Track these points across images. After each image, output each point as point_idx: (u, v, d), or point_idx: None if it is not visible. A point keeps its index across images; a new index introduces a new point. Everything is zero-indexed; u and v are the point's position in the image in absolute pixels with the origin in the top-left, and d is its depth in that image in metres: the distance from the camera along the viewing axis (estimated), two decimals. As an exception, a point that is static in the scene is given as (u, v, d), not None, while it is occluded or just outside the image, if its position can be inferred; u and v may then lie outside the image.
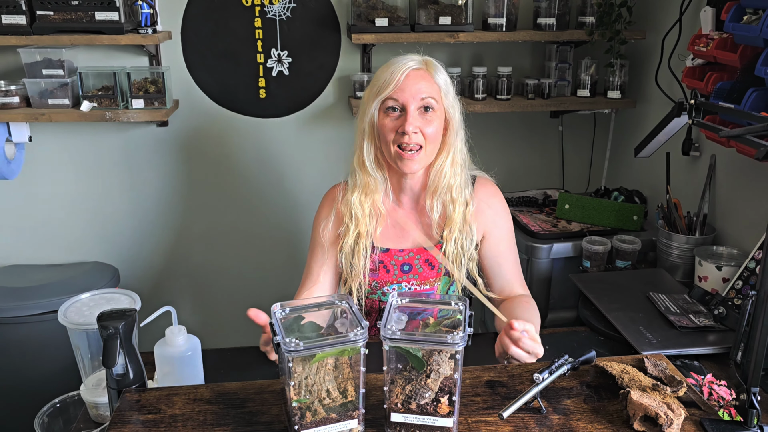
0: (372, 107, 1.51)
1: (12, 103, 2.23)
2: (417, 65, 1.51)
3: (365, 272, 1.61)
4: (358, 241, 1.59)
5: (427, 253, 1.62)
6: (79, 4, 2.12)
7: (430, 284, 1.63)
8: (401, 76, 1.48)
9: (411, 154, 1.49)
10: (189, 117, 2.51)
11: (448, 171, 1.56)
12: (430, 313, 1.13)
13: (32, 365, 2.24)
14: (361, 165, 1.58)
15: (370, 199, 1.59)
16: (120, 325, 1.13)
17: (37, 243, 2.56)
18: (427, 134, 1.49)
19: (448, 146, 1.56)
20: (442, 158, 1.56)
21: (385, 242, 1.63)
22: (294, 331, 1.05)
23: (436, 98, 1.50)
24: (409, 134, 1.47)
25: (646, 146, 1.81)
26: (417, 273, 1.62)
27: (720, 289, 1.85)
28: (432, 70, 1.52)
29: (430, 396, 1.04)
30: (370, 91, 1.54)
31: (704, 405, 1.14)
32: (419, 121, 1.48)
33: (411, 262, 1.62)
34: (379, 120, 1.52)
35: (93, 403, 1.32)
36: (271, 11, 2.41)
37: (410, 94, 1.48)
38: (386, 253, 1.62)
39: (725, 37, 1.82)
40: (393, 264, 1.62)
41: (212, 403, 1.13)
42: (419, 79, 1.49)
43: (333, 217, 1.63)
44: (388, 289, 1.63)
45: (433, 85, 1.51)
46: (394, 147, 1.50)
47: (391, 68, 1.50)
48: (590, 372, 1.23)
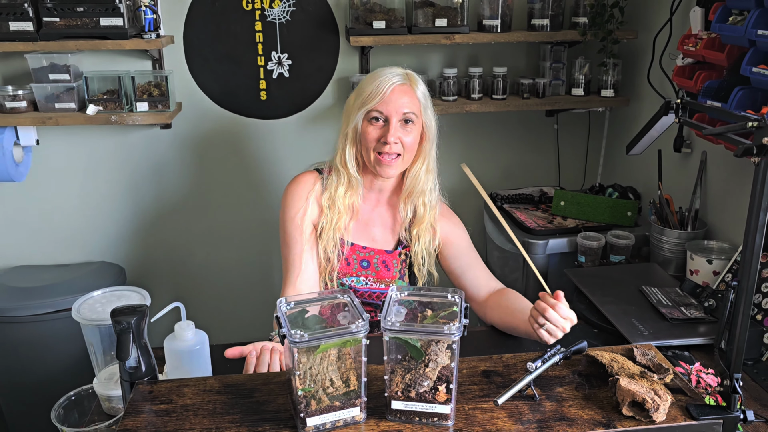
0: (357, 115, 1.64)
1: (20, 107, 2.28)
2: (401, 80, 1.63)
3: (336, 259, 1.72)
4: (335, 232, 1.71)
5: (385, 256, 1.77)
6: (85, 10, 2.17)
7: (385, 283, 1.76)
8: (387, 90, 1.61)
9: (389, 160, 1.64)
10: (192, 119, 2.56)
11: (422, 177, 1.71)
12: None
13: (45, 362, 2.30)
14: (343, 165, 1.71)
15: (352, 195, 1.72)
16: (133, 320, 1.18)
17: (45, 244, 2.62)
18: (406, 143, 1.64)
19: (423, 154, 1.71)
20: (418, 165, 1.71)
21: (351, 236, 1.76)
22: (299, 324, 1.10)
23: (417, 113, 1.65)
24: (390, 144, 1.61)
25: (637, 143, 1.87)
26: (374, 271, 1.76)
27: (711, 282, 1.90)
28: (414, 85, 1.66)
29: (429, 384, 1.10)
30: (355, 100, 1.66)
31: (691, 391, 1.20)
32: (400, 131, 1.62)
33: (370, 260, 1.76)
34: (363, 128, 1.65)
35: (106, 396, 1.38)
36: (271, 15, 2.46)
37: (394, 107, 1.61)
38: (351, 247, 1.75)
39: (713, 37, 1.87)
40: (354, 258, 1.75)
41: (221, 394, 1.18)
42: (403, 94, 1.62)
43: (312, 207, 1.72)
44: (347, 280, 1.75)
45: (415, 100, 1.65)
46: (374, 153, 1.65)
47: (377, 81, 1.62)
48: (582, 361, 1.29)
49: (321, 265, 1.73)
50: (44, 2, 2.15)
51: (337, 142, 1.72)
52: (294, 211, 1.71)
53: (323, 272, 1.73)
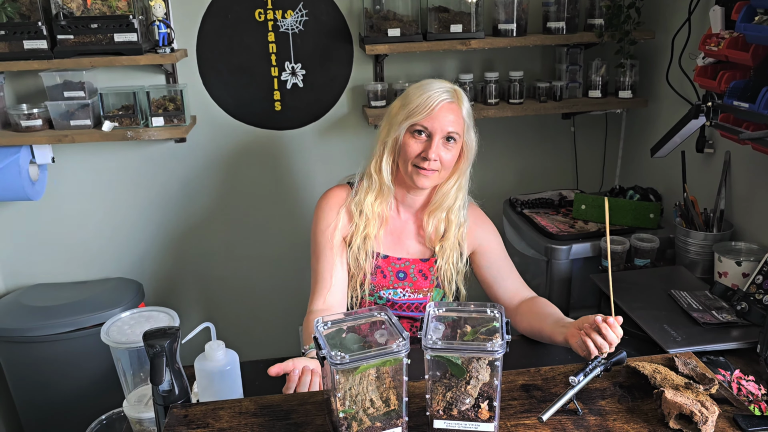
0: (401, 127, 1.61)
1: (35, 125, 2.27)
2: (450, 98, 1.61)
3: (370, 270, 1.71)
4: (366, 240, 1.70)
5: (421, 264, 1.75)
6: (98, 27, 2.16)
7: (423, 293, 1.75)
8: (436, 107, 1.58)
9: (426, 172, 1.61)
10: (207, 132, 2.55)
11: (452, 194, 1.70)
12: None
13: (67, 381, 2.29)
14: (378, 172, 1.68)
15: (381, 202, 1.70)
16: (166, 344, 1.17)
17: (62, 261, 2.61)
18: (445, 160, 1.62)
19: (459, 172, 1.69)
20: (451, 182, 1.69)
21: (384, 248, 1.74)
22: (337, 344, 1.08)
23: (460, 132, 1.62)
24: (430, 160, 1.59)
25: (662, 147, 1.84)
26: (411, 281, 1.74)
27: (740, 285, 1.88)
28: (461, 104, 1.63)
29: (470, 402, 1.08)
30: (400, 110, 1.63)
31: (736, 401, 1.17)
32: (441, 149, 1.60)
33: (406, 270, 1.74)
34: (404, 139, 1.62)
35: (137, 419, 1.36)
36: (283, 25, 2.45)
37: (440, 125, 1.59)
38: (385, 259, 1.74)
39: (736, 37, 1.84)
40: (390, 270, 1.73)
41: (257, 416, 1.17)
42: (450, 112, 1.60)
43: (343, 217, 1.72)
44: (385, 293, 1.73)
45: (460, 119, 1.62)
46: (411, 166, 1.63)
47: (426, 94, 1.59)
48: (622, 372, 1.26)
49: (351, 272, 1.72)
50: (58, 20, 2.15)
51: (374, 147, 1.70)
52: (325, 225, 1.71)
53: (353, 280, 1.72)
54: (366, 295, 1.73)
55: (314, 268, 1.72)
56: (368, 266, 1.70)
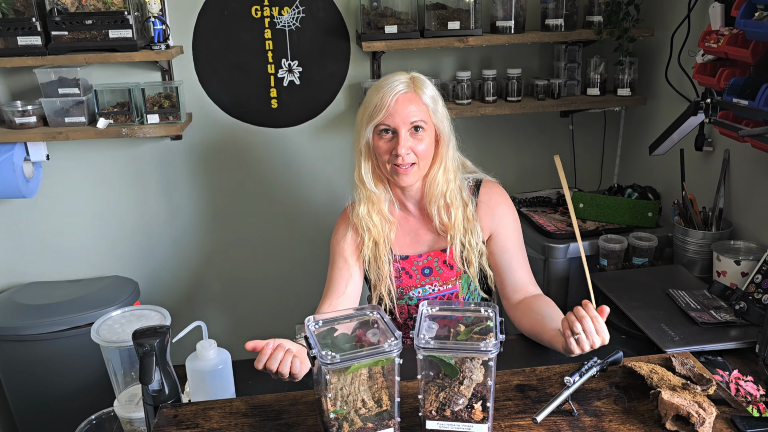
0: (366, 131, 1.60)
1: (29, 122, 2.26)
2: (405, 88, 1.57)
3: (391, 276, 1.69)
4: (378, 248, 1.67)
5: (444, 255, 1.70)
6: (93, 23, 2.14)
7: (451, 283, 1.71)
8: (391, 102, 1.55)
9: (405, 169, 1.59)
10: (202, 130, 2.53)
11: (440, 180, 1.65)
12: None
13: (61, 380, 2.27)
14: (360, 181, 1.67)
15: (377, 209, 1.68)
16: (155, 342, 1.15)
17: (57, 259, 2.59)
18: (419, 152, 1.59)
19: (440, 157, 1.65)
20: (435, 169, 1.65)
21: (402, 249, 1.71)
22: (328, 343, 1.06)
23: (425, 119, 1.58)
24: (402, 155, 1.56)
25: (661, 144, 1.82)
26: (438, 275, 1.70)
27: (739, 284, 1.86)
28: (419, 90, 1.59)
29: (464, 402, 1.06)
30: (362, 115, 1.62)
31: (734, 402, 1.16)
32: (411, 141, 1.57)
33: (431, 265, 1.70)
34: (374, 141, 1.60)
35: (127, 418, 1.34)
36: (280, 22, 2.43)
37: (400, 119, 1.56)
38: (406, 260, 1.70)
39: (736, 33, 1.82)
40: (414, 269, 1.70)
41: (248, 416, 1.15)
42: (408, 102, 1.56)
43: (350, 231, 1.70)
44: (414, 293, 1.71)
45: (421, 105, 1.58)
46: (389, 165, 1.60)
47: (381, 92, 1.57)
48: (618, 373, 1.25)
49: (373, 281, 1.71)
50: (52, 16, 2.13)
51: (354, 157, 1.68)
52: (337, 237, 1.72)
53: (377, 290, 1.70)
54: (395, 299, 1.71)
55: (328, 274, 1.72)
56: (389, 270, 1.67)
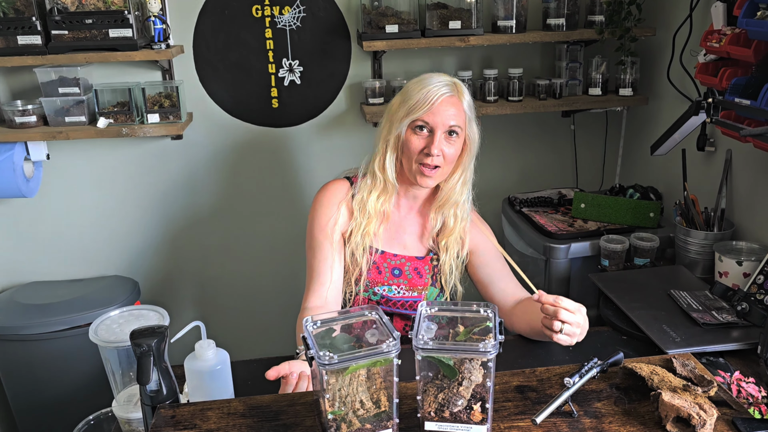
0: (402, 124, 1.60)
1: (29, 122, 2.26)
2: (450, 92, 1.58)
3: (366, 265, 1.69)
4: (365, 237, 1.68)
5: (417, 262, 1.73)
6: (93, 22, 2.14)
7: (417, 291, 1.73)
8: (436, 101, 1.56)
9: (430, 170, 1.60)
10: (203, 129, 2.52)
11: (458, 188, 1.68)
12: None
13: (61, 380, 2.27)
14: (382, 170, 1.66)
15: (385, 200, 1.69)
16: (153, 342, 1.15)
17: (57, 259, 2.59)
18: (447, 155, 1.60)
19: (462, 167, 1.67)
20: (456, 177, 1.67)
21: (381, 243, 1.72)
22: (326, 344, 1.06)
23: (462, 125, 1.60)
24: (433, 156, 1.57)
25: (662, 144, 1.82)
26: (406, 279, 1.72)
27: (741, 285, 1.85)
28: (461, 97, 1.61)
29: (463, 404, 1.05)
30: (400, 107, 1.61)
31: (735, 404, 1.15)
32: (443, 143, 1.58)
33: (401, 267, 1.72)
34: (406, 136, 1.60)
35: (126, 419, 1.34)
36: (281, 21, 2.42)
37: (441, 119, 1.57)
38: (381, 255, 1.72)
39: (738, 33, 1.81)
40: (385, 266, 1.72)
41: (246, 417, 1.14)
42: (451, 105, 1.58)
43: (343, 213, 1.70)
44: (379, 289, 1.72)
45: (461, 112, 1.60)
46: (416, 164, 1.61)
47: (425, 89, 1.57)
48: (619, 374, 1.24)
49: (347, 268, 1.70)
50: (52, 15, 2.12)
51: (376, 145, 1.68)
52: (324, 220, 1.69)
53: (347, 275, 1.70)
54: (360, 291, 1.71)
55: (310, 263, 1.69)
56: (365, 262, 1.69)
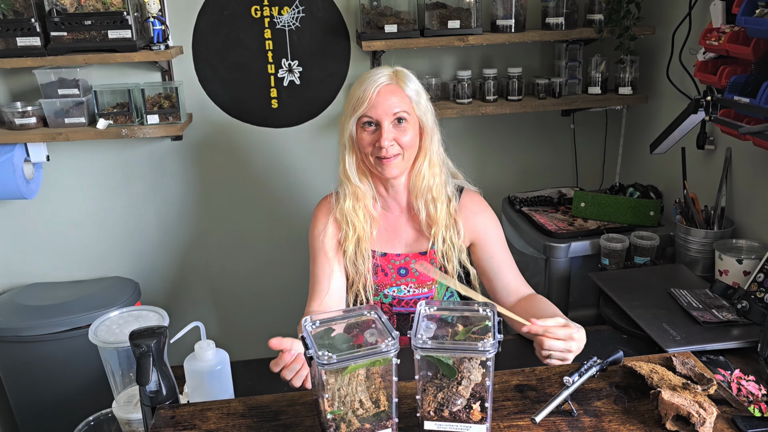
0: (350, 124, 1.60)
1: (29, 123, 2.26)
2: (387, 80, 1.58)
3: (369, 272, 1.69)
4: (360, 244, 1.68)
5: (421, 258, 1.70)
6: (92, 23, 2.14)
7: (427, 287, 1.71)
8: (373, 93, 1.56)
9: (389, 160, 1.59)
10: (203, 130, 2.53)
11: (426, 172, 1.65)
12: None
13: (61, 381, 2.27)
14: (346, 176, 1.67)
15: (362, 204, 1.68)
16: (152, 343, 1.15)
17: (57, 261, 2.59)
18: (403, 142, 1.59)
19: (424, 150, 1.65)
20: (420, 161, 1.65)
21: (381, 246, 1.71)
22: (325, 343, 1.06)
23: (408, 110, 1.59)
24: (385, 147, 1.57)
25: (661, 143, 1.81)
26: (413, 276, 1.70)
27: (741, 283, 1.85)
28: (402, 83, 1.60)
29: (462, 403, 1.05)
30: (346, 108, 1.63)
31: (735, 402, 1.15)
32: (394, 132, 1.58)
33: (407, 266, 1.70)
34: (358, 134, 1.61)
35: (126, 419, 1.34)
36: (280, 22, 2.42)
37: (383, 110, 1.56)
38: (384, 257, 1.71)
39: (737, 31, 1.81)
40: (390, 268, 1.70)
41: (246, 417, 1.14)
42: (390, 94, 1.57)
43: (330, 225, 1.71)
44: (389, 291, 1.71)
45: (404, 97, 1.59)
46: (373, 158, 1.61)
47: (363, 85, 1.58)
48: (618, 372, 1.24)
49: (352, 279, 1.70)
50: (51, 17, 2.13)
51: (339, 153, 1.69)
52: (317, 231, 1.71)
53: (354, 285, 1.69)
54: (371, 296, 1.70)
55: (311, 271, 1.71)
56: (368, 267, 1.68)
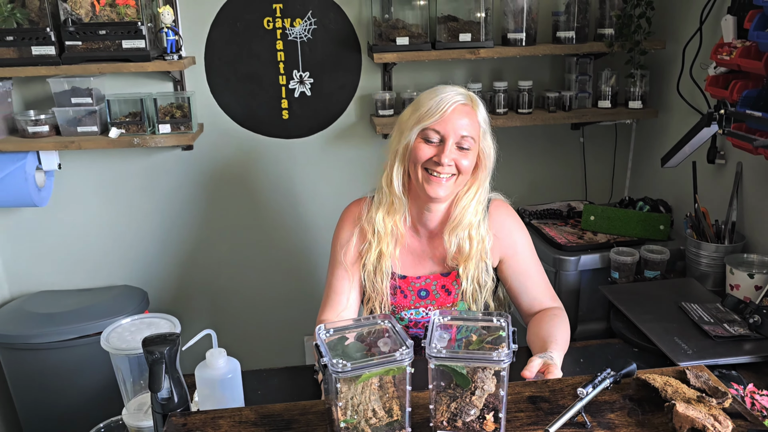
0: (412, 132, 1.52)
1: (42, 131, 2.27)
2: (464, 100, 1.52)
3: (387, 292, 1.63)
4: (380, 259, 1.61)
5: (443, 280, 1.63)
6: (107, 33, 2.16)
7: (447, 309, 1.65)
8: (448, 108, 1.49)
9: (439, 178, 1.51)
10: (214, 140, 2.54)
11: (472, 208, 1.57)
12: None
13: (70, 389, 2.27)
14: (389, 184, 1.59)
15: (392, 219, 1.61)
16: (165, 350, 1.15)
17: (67, 268, 2.60)
18: (462, 167, 1.52)
19: (477, 183, 1.58)
20: (470, 194, 1.58)
21: (402, 268, 1.65)
22: (339, 352, 1.06)
23: (475, 137, 1.52)
24: (444, 165, 1.49)
25: (673, 156, 1.81)
26: (434, 299, 1.64)
27: (753, 297, 1.84)
28: (476, 108, 1.54)
29: (475, 413, 1.05)
30: (411, 116, 1.54)
31: (750, 416, 1.14)
32: (455, 154, 1.50)
33: (428, 288, 1.64)
34: (416, 144, 1.52)
35: (136, 427, 1.34)
36: (292, 34, 2.44)
37: (452, 128, 1.49)
38: (404, 279, 1.64)
39: (749, 45, 1.82)
40: (410, 290, 1.64)
41: (258, 425, 1.14)
42: (464, 114, 1.50)
43: (356, 234, 1.64)
44: (407, 314, 1.65)
45: (476, 123, 1.53)
46: (422, 170, 1.52)
47: (438, 97, 1.50)
48: (632, 385, 1.23)
49: (369, 295, 1.65)
50: (66, 26, 2.15)
51: (386, 159, 1.61)
52: (341, 240, 1.66)
53: (371, 302, 1.65)
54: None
55: (328, 279, 1.67)
56: (386, 286, 1.62)
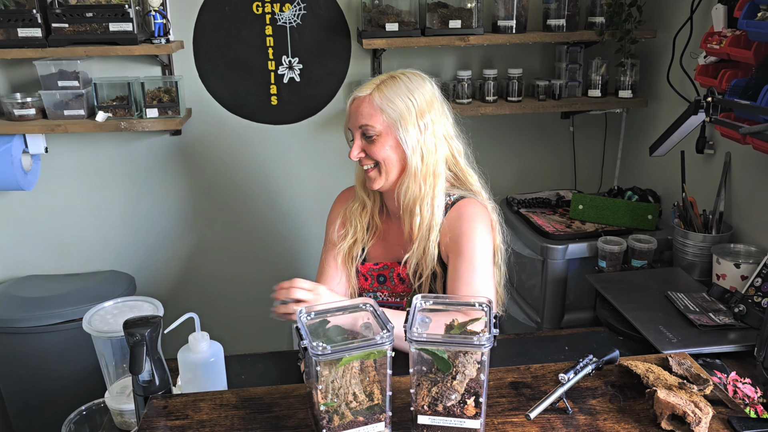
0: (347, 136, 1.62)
1: (28, 115, 2.25)
2: (365, 92, 1.53)
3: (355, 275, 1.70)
4: (353, 247, 1.69)
5: (399, 268, 1.64)
6: (94, 16, 2.14)
7: (400, 297, 1.68)
8: (349, 105, 1.57)
9: (367, 170, 1.57)
10: (202, 125, 2.52)
11: (412, 187, 1.54)
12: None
13: (55, 373, 2.26)
14: (356, 184, 1.70)
15: (367, 211, 1.69)
16: (146, 332, 1.14)
17: (53, 253, 2.58)
18: (379, 157, 1.54)
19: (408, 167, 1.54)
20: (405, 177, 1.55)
21: (372, 254, 1.70)
22: (320, 335, 1.05)
23: (375, 124, 1.50)
24: (353, 158, 1.56)
25: (661, 145, 1.81)
26: (390, 285, 1.68)
27: (739, 287, 1.84)
28: (378, 96, 1.50)
29: (456, 398, 1.05)
30: None
31: (731, 403, 1.14)
32: (365, 145, 1.55)
33: (386, 273, 1.68)
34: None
35: (118, 410, 1.33)
36: (281, 19, 2.42)
37: (354, 122, 1.55)
38: (363, 265, 1.70)
39: (738, 34, 1.81)
40: (371, 274, 1.69)
41: (238, 408, 1.14)
42: (362, 105, 1.53)
43: (339, 219, 1.72)
44: (366, 296, 1.70)
45: (374, 111, 1.50)
46: (359, 168, 1.62)
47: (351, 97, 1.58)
48: (614, 371, 1.23)
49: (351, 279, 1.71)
50: (53, 8, 2.12)
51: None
52: (330, 219, 1.75)
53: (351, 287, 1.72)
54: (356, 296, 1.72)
55: (322, 255, 1.74)
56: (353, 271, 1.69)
